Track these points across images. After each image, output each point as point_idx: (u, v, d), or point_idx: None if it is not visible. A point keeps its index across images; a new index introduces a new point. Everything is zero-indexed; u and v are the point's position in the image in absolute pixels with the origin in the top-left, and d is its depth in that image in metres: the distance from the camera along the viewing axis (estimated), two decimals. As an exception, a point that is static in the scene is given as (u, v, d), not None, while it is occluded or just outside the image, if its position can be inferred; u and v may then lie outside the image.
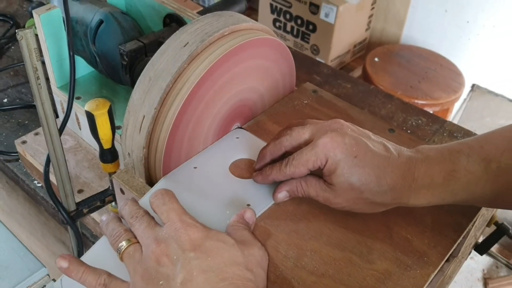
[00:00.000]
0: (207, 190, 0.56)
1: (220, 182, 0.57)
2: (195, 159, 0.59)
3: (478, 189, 0.49)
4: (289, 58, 0.66)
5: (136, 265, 0.45)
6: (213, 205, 0.54)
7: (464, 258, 0.72)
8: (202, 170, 0.58)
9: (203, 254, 0.44)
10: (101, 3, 0.73)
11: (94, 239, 0.72)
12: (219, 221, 0.51)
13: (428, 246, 0.52)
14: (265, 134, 0.64)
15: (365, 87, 0.99)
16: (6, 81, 0.98)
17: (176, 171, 0.57)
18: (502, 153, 0.49)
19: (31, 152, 0.77)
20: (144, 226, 0.47)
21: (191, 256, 0.44)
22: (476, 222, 0.58)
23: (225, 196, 0.55)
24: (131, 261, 0.46)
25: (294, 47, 1.96)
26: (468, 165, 0.49)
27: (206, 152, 0.60)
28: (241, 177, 0.58)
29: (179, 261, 0.43)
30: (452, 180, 0.49)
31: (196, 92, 0.54)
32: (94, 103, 0.56)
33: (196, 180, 0.57)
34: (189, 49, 0.54)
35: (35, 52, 0.49)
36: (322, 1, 1.80)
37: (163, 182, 0.56)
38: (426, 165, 0.50)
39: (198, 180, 0.57)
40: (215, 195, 0.55)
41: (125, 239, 0.47)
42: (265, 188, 0.56)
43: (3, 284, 0.59)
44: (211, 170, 0.58)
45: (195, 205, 0.51)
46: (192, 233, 0.45)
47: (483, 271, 1.73)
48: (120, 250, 0.46)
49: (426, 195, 0.50)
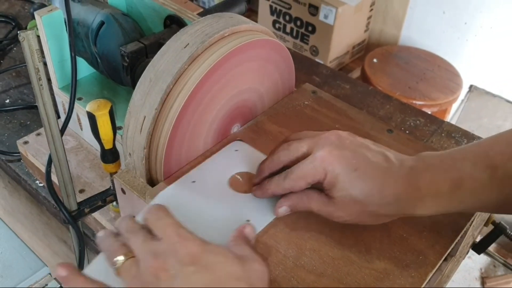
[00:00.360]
0: (206, 205, 0.55)
1: (219, 196, 0.56)
2: (194, 173, 0.58)
3: (485, 197, 0.48)
4: (288, 59, 0.67)
5: (133, 280, 0.44)
6: (212, 221, 0.53)
7: (462, 257, 0.73)
8: (200, 185, 0.57)
9: (203, 268, 0.43)
10: (102, 4, 0.73)
11: (95, 238, 0.72)
12: (219, 237, 0.49)
13: (426, 245, 0.52)
14: (264, 134, 0.64)
15: (363, 88, 1.00)
16: (8, 82, 0.98)
17: (174, 186, 0.56)
18: (508, 159, 0.48)
19: (33, 152, 0.77)
20: (141, 241, 0.45)
21: (190, 270, 0.42)
22: (474, 221, 0.58)
23: (225, 211, 0.54)
24: (128, 275, 0.44)
25: (293, 48, 1.96)
26: (474, 173, 0.48)
27: (204, 166, 0.59)
28: (241, 191, 0.57)
29: (178, 276, 0.42)
30: (459, 189, 0.48)
31: (197, 93, 0.54)
32: (96, 104, 0.56)
33: (194, 194, 0.56)
34: (189, 50, 0.54)
35: (37, 53, 0.50)
36: (321, 3, 1.80)
37: (160, 197, 0.55)
38: (431, 174, 0.49)
39: (197, 195, 0.56)
40: (214, 210, 0.54)
41: (122, 253, 0.45)
42: (265, 203, 0.55)
43: (5, 283, 0.60)
44: (209, 184, 0.57)
45: (193, 221, 0.49)
46: (191, 246, 0.44)
47: (481, 270, 1.74)
48: (116, 264, 0.45)
49: (432, 205, 0.49)
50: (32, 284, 0.60)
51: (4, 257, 0.63)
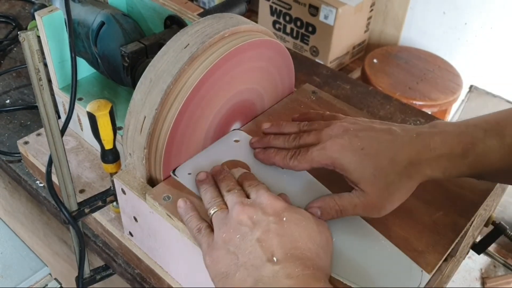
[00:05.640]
0: None
1: None
2: (189, 163, 0.59)
3: (495, 163, 0.51)
4: (288, 60, 0.67)
5: (220, 223, 0.50)
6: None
7: (462, 258, 0.73)
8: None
9: (282, 221, 0.48)
10: (103, 5, 0.73)
11: (96, 238, 0.72)
12: None
13: (426, 245, 0.52)
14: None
15: (364, 88, 1.00)
16: (9, 83, 0.99)
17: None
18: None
19: (33, 152, 0.77)
20: (236, 195, 0.52)
21: (271, 220, 0.48)
22: (474, 222, 0.58)
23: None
24: (218, 220, 0.50)
25: (293, 49, 1.97)
26: (485, 139, 0.51)
27: (201, 156, 0.61)
28: None
29: (259, 222, 0.48)
30: (471, 152, 0.51)
31: (196, 93, 0.55)
32: (96, 104, 0.57)
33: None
34: (189, 50, 0.54)
35: (37, 53, 0.50)
36: (321, 3, 1.81)
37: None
38: (443, 136, 0.51)
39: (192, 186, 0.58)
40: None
41: (217, 205, 0.52)
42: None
43: (5, 283, 0.60)
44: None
45: None
46: (276, 204, 0.50)
47: (481, 271, 1.74)
48: (211, 214, 0.52)
49: (446, 166, 0.51)
50: (32, 284, 0.60)
51: (4, 257, 0.63)
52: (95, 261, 0.76)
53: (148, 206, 0.56)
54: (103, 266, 0.72)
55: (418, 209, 0.55)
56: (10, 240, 0.66)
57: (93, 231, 0.73)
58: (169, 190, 0.56)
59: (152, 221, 0.58)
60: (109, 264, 0.72)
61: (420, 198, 0.56)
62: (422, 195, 0.57)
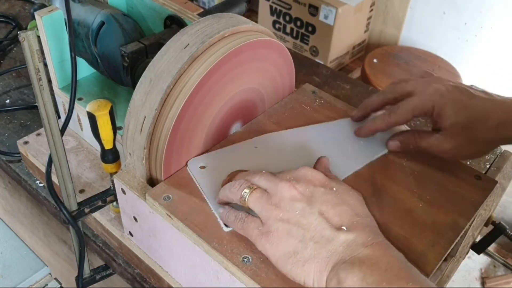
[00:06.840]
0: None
1: None
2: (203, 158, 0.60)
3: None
4: (288, 60, 0.67)
5: (263, 203, 0.48)
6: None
7: (462, 258, 0.73)
8: (209, 171, 0.59)
9: (333, 191, 0.48)
10: (103, 4, 0.73)
11: (96, 238, 0.72)
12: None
13: (426, 245, 0.52)
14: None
15: (364, 88, 1.00)
16: (9, 83, 0.99)
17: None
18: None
19: (33, 152, 0.77)
20: (267, 175, 0.50)
21: (322, 191, 0.47)
22: (474, 221, 0.58)
23: None
24: (259, 201, 0.48)
25: (293, 49, 1.97)
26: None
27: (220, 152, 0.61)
28: None
29: (313, 195, 0.47)
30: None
31: (197, 93, 0.55)
32: (96, 104, 0.57)
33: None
34: (189, 50, 0.54)
35: (37, 53, 0.50)
36: (321, 3, 1.81)
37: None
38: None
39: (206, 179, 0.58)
40: None
41: (247, 186, 0.49)
42: None
43: (5, 282, 0.60)
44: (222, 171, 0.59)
45: None
46: (318, 175, 0.49)
47: (481, 270, 1.74)
48: (244, 197, 0.49)
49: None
50: (32, 284, 0.60)
51: (4, 257, 0.63)
52: (95, 261, 0.76)
53: (148, 206, 0.56)
54: (103, 266, 0.72)
55: (418, 209, 0.55)
56: (10, 240, 0.66)
57: (93, 231, 0.73)
58: (169, 190, 0.56)
59: (152, 221, 0.58)
60: (109, 264, 0.72)
61: (420, 198, 0.56)
62: (422, 195, 0.57)
